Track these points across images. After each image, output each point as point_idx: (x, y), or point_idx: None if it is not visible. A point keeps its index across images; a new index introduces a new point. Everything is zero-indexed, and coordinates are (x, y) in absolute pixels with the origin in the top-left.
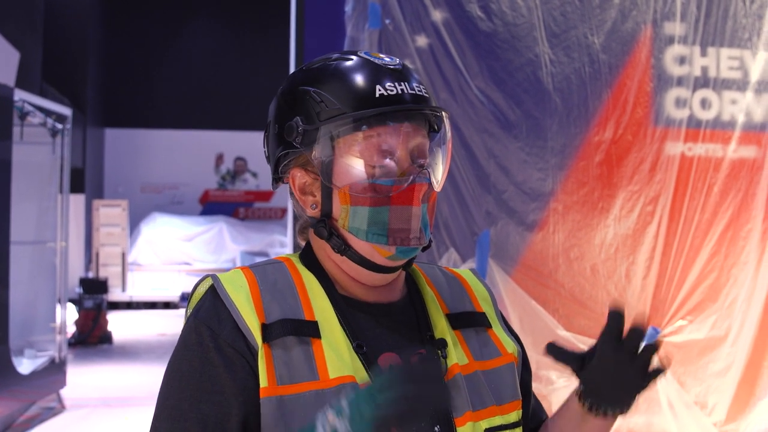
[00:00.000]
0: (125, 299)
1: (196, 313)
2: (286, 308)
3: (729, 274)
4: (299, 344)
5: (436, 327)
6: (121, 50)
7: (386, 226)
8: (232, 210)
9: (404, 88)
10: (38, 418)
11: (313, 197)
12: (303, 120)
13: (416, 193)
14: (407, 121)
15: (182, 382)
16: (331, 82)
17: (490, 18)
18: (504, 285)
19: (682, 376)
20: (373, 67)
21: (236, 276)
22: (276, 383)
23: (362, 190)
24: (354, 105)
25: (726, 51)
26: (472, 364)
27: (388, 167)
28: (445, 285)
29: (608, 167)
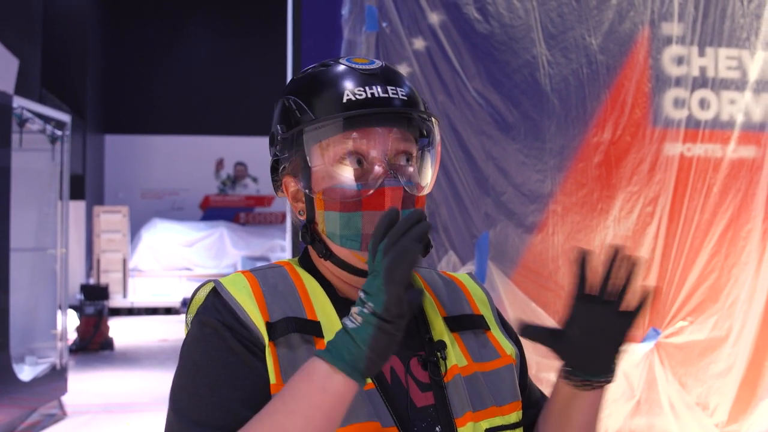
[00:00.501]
0: (126, 305)
1: (203, 311)
2: (288, 309)
3: (729, 275)
4: (303, 343)
5: (434, 329)
6: (120, 56)
7: (359, 231)
8: (233, 215)
9: (375, 92)
10: (39, 425)
11: (301, 203)
12: (283, 129)
13: (387, 198)
14: (380, 124)
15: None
16: (306, 90)
17: (487, 20)
18: (503, 287)
19: (684, 377)
20: (348, 72)
21: (237, 278)
22: (283, 381)
23: (333, 194)
24: (323, 111)
25: (724, 51)
26: (471, 366)
27: (359, 172)
28: (442, 288)
29: (607, 168)
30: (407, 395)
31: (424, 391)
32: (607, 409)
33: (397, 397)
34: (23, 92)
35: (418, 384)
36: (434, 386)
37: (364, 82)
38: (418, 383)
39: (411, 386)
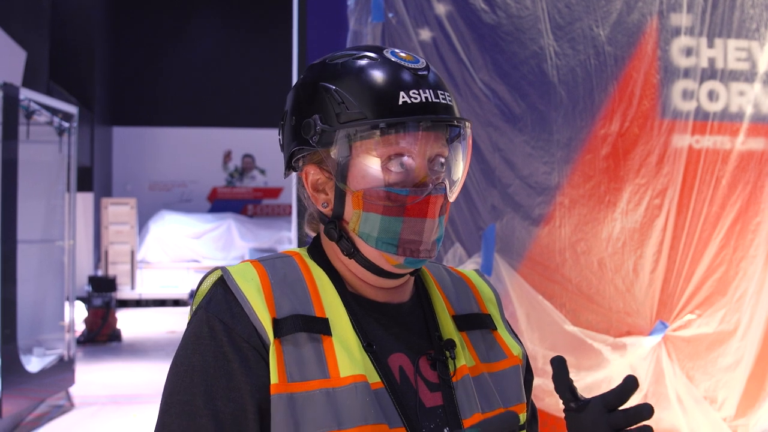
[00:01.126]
0: (134, 297)
1: (207, 306)
2: (297, 303)
3: (738, 268)
4: (310, 341)
5: (443, 328)
6: (128, 48)
7: (397, 236)
8: (241, 207)
9: (428, 96)
10: (47, 416)
11: (326, 195)
12: (321, 119)
13: (431, 206)
14: (428, 130)
15: (194, 377)
16: (353, 82)
17: (494, 10)
18: (510, 280)
19: (691, 370)
20: (398, 69)
21: (246, 269)
22: (286, 380)
23: (376, 196)
24: (375, 110)
25: (733, 42)
26: (479, 366)
27: (404, 176)
28: (450, 286)
29: (615, 160)
30: (416, 395)
31: (434, 392)
32: None
33: (406, 397)
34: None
35: (428, 384)
36: (443, 386)
37: (417, 84)
38: (428, 383)
39: (420, 386)
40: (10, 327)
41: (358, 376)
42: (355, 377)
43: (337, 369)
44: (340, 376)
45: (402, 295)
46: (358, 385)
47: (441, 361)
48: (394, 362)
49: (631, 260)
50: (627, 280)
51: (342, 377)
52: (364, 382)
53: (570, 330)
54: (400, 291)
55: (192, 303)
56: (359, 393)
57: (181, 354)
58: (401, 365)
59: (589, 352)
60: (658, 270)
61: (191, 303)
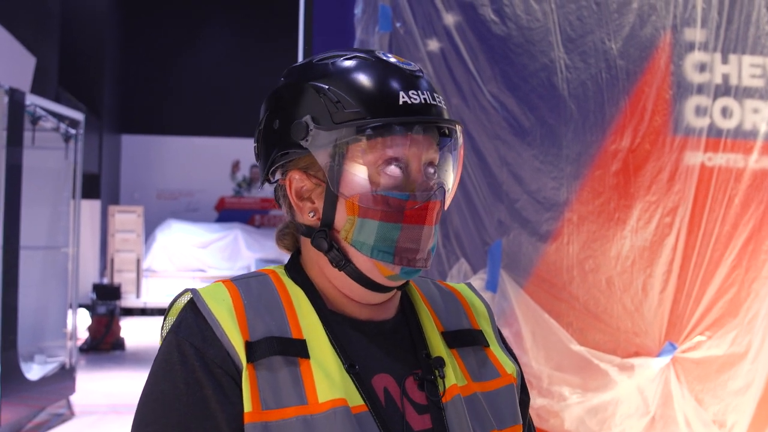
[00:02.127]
0: (139, 305)
1: (177, 330)
2: (272, 325)
3: (750, 289)
4: (286, 365)
5: (431, 345)
6: (137, 56)
7: (394, 244)
8: (248, 217)
9: (426, 98)
10: (47, 425)
11: (312, 204)
12: (314, 120)
13: (430, 212)
14: (425, 133)
15: (166, 407)
16: (348, 82)
17: (503, 22)
18: (516, 297)
19: (700, 393)
20: (395, 70)
21: (218, 289)
22: (261, 408)
23: (373, 201)
24: (375, 110)
25: (748, 58)
26: (471, 386)
27: (403, 180)
28: (440, 301)
29: (625, 177)
30: (403, 419)
31: (422, 414)
32: (620, 425)
33: (392, 421)
34: (40, 90)
35: (415, 406)
36: (432, 408)
37: (415, 85)
38: (415, 405)
39: (407, 409)
40: (11, 333)
41: (337, 400)
42: (335, 402)
43: (315, 394)
44: (318, 402)
45: (386, 311)
46: (337, 411)
47: (429, 380)
48: (379, 383)
49: (640, 279)
50: (636, 299)
51: (321, 402)
52: (344, 406)
53: (576, 350)
54: (384, 307)
55: (162, 326)
56: (339, 419)
57: (151, 381)
58: (386, 386)
59: (596, 373)
60: (667, 290)
61: (162, 328)
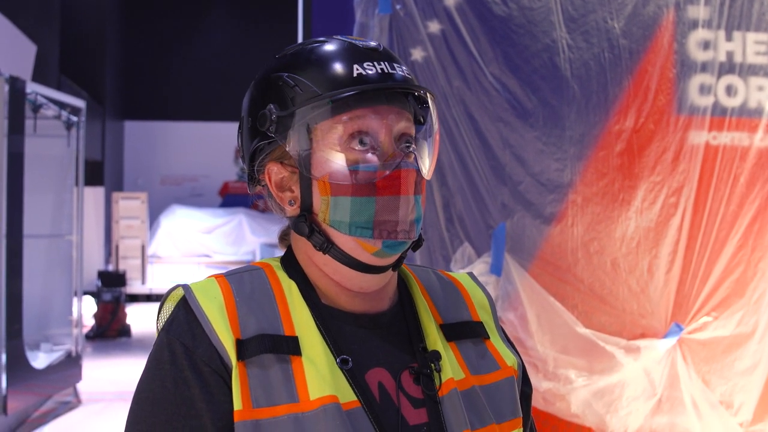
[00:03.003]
0: (145, 292)
1: (168, 328)
2: (264, 322)
3: (756, 268)
4: (277, 362)
5: (428, 338)
6: (139, 42)
7: (372, 218)
8: (252, 202)
9: (384, 68)
10: (54, 413)
11: (291, 192)
12: (276, 107)
13: (403, 181)
14: (389, 103)
15: (155, 405)
16: (306, 66)
17: (505, 2)
18: (521, 280)
19: (707, 374)
20: (350, 47)
21: (210, 286)
22: (251, 406)
23: (343, 177)
24: (330, 86)
25: (752, 35)
26: (469, 379)
27: (370, 153)
28: (439, 292)
29: (629, 157)
30: (398, 413)
31: (418, 408)
32: (627, 408)
33: (387, 416)
34: (41, 78)
35: (411, 400)
36: (428, 402)
37: (371, 57)
38: (411, 399)
39: (403, 403)
40: (17, 322)
41: (327, 397)
42: (325, 399)
43: (306, 391)
44: (309, 399)
45: (382, 303)
46: (327, 408)
47: (425, 374)
48: (373, 378)
49: (645, 260)
50: (641, 280)
51: (311, 400)
52: (334, 403)
53: (582, 332)
54: (379, 298)
55: (157, 320)
56: (329, 416)
57: (143, 379)
58: (381, 381)
59: (602, 355)
60: (673, 270)
61: (157, 320)
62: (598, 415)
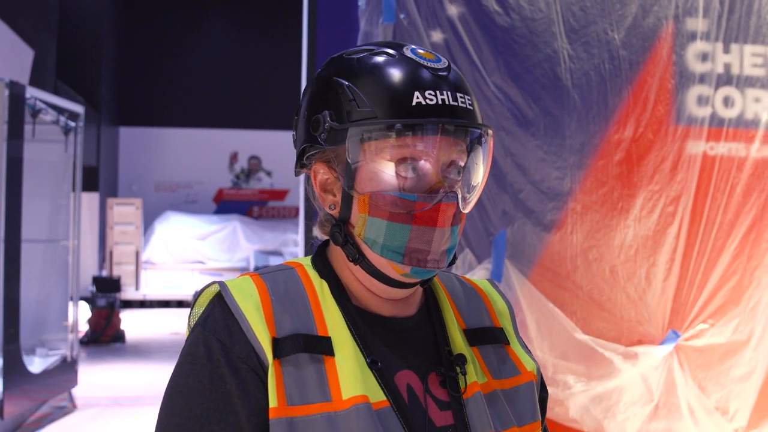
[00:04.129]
0: (139, 298)
1: (204, 323)
2: (298, 321)
3: (752, 277)
4: (311, 362)
5: (453, 343)
6: (135, 49)
7: (404, 245)
8: (246, 209)
9: (445, 98)
10: (49, 417)
11: (333, 197)
12: (331, 116)
13: (441, 214)
14: (443, 134)
15: (190, 400)
16: (367, 79)
17: (507, 13)
18: (520, 286)
19: (703, 381)
20: (416, 68)
21: (245, 284)
22: (286, 404)
23: (383, 201)
24: (387, 110)
25: (750, 48)
26: (491, 383)
27: (415, 181)
28: (462, 297)
29: (628, 166)
30: (425, 415)
31: (444, 410)
32: (624, 413)
33: (415, 417)
34: (38, 83)
35: (437, 402)
36: (454, 404)
37: (435, 84)
38: (437, 401)
39: (430, 405)
40: (13, 326)
41: (359, 397)
42: (356, 398)
43: (339, 391)
44: (342, 399)
45: (409, 308)
46: (359, 407)
47: (451, 377)
48: (401, 380)
49: (643, 268)
50: (639, 288)
51: (344, 400)
52: (366, 403)
53: (581, 338)
54: (407, 303)
55: (189, 317)
56: (361, 415)
57: (177, 373)
58: (409, 383)
59: (600, 361)
60: (670, 278)
61: (189, 317)
62: (596, 420)
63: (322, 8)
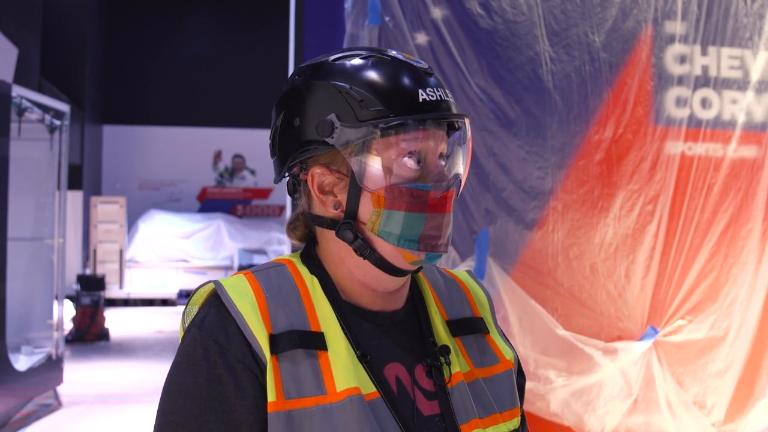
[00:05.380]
0: (123, 296)
1: (201, 324)
2: (292, 317)
3: (729, 274)
4: (307, 357)
5: (437, 334)
6: (119, 47)
7: (419, 232)
8: (230, 207)
9: (441, 95)
10: (35, 415)
11: (335, 197)
12: (339, 117)
13: (449, 200)
14: (442, 127)
15: (188, 399)
16: (369, 81)
17: (490, 15)
18: (503, 284)
19: (681, 375)
20: (411, 69)
21: (240, 283)
22: (284, 398)
23: (399, 194)
24: (397, 107)
25: (727, 50)
26: (474, 372)
27: (424, 172)
28: (444, 290)
29: (608, 166)
30: (413, 405)
31: (430, 400)
32: (604, 407)
33: (404, 407)
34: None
35: (424, 393)
36: (440, 394)
37: (429, 83)
38: (424, 392)
39: (417, 395)
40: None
41: (352, 389)
42: (350, 390)
43: (333, 384)
44: (336, 391)
45: (397, 301)
46: (353, 399)
47: (436, 368)
48: (391, 372)
49: (623, 266)
50: (619, 285)
51: (338, 392)
52: (358, 394)
53: (562, 334)
54: (395, 298)
55: (184, 315)
56: (354, 406)
57: (174, 372)
58: (398, 375)
59: (581, 357)
60: (649, 276)
61: (183, 315)
62: (577, 414)
63: (309, 11)
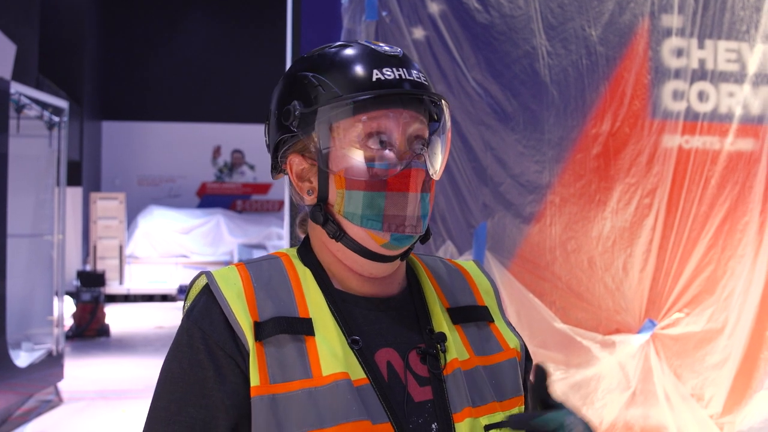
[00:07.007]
0: (123, 292)
1: (190, 313)
2: (280, 305)
3: (726, 267)
4: (293, 342)
5: (435, 321)
6: (118, 43)
7: (381, 212)
8: (230, 202)
9: (402, 74)
10: (35, 411)
11: (310, 183)
12: (300, 104)
13: (413, 180)
14: (405, 107)
15: (172, 384)
16: (330, 67)
17: (487, 10)
18: (501, 277)
19: (679, 368)
20: (372, 53)
21: (230, 273)
22: (268, 382)
23: (357, 173)
24: (351, 89)
25: (723, 43)
26: (473, 360)
27: (385, 152)
28: (446, 277)
29: (605, 159)
30: (405, 390)
31: (423, 386)
32: (602, 400)
33: (394, 393)
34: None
35: (417, 378)
36: (433, 380)
37: (390, 63)
38: (417, 377)
39: (409, 381)
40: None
41: (339, 374)
42: (337, 375)
43: (319, 368)
44: (322, 375)
45: (391, 287)
46: (339, 383)
47: (431, 354)
48: (382, 357)
49: (620, 259)
50: (616, 278)
51: (324, 376)
52: (346, 379)
53: (560, 327)
54: (389, 283)
55: (184, 304)
56: (340, 390)
57: (165, 360)
58: (389, 360)
59: (579, 350)
60: (647, 269)
61: (183, 303)
62: (575, 407)
63: (306, 6)
